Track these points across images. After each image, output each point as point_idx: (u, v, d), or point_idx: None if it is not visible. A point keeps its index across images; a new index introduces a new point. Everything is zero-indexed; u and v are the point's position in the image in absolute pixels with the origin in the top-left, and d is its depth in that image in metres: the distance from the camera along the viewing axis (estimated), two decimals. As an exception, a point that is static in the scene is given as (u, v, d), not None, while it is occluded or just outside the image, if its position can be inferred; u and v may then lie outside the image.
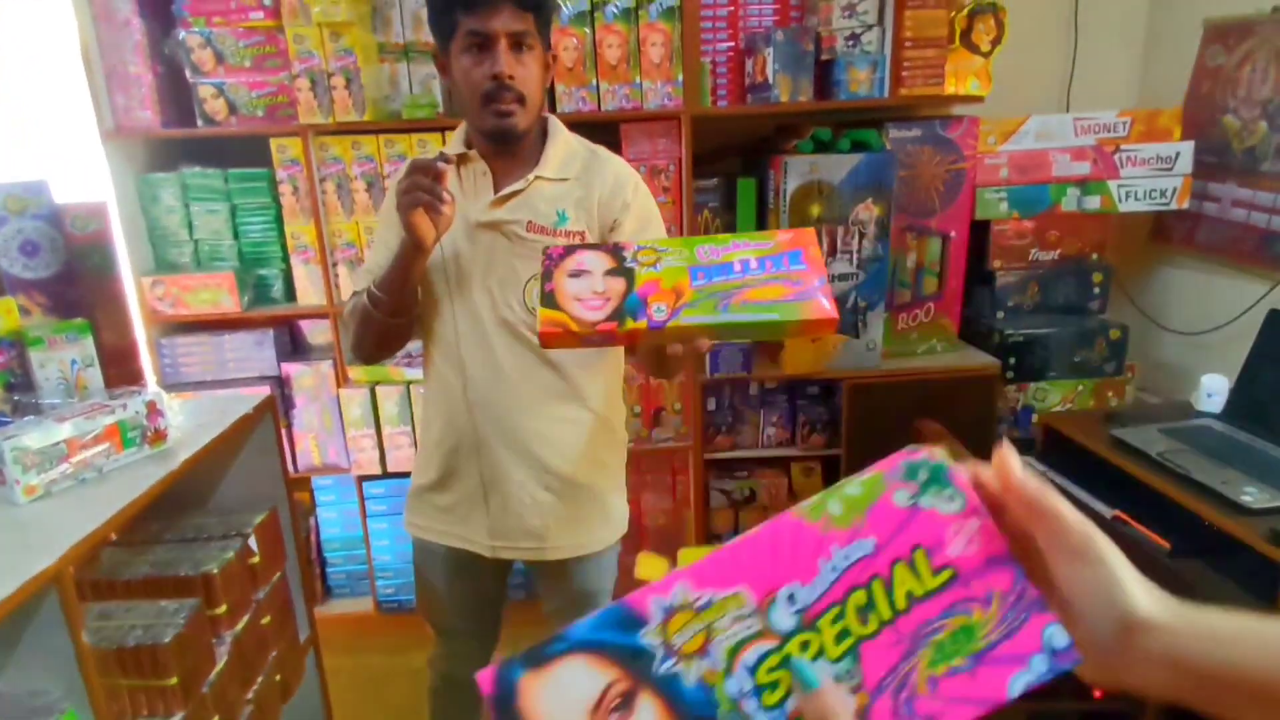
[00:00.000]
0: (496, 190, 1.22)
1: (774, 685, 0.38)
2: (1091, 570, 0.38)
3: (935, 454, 0.42)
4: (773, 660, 0.39)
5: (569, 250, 0.90)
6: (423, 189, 1.05)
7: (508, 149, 1.22)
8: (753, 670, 0.39)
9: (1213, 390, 1.68)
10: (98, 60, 1.89)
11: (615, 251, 0.89)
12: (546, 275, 0.87)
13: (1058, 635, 0.38)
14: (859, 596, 0.40)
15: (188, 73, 1.92)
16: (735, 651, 0.39)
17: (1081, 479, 1.64)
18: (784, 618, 0.40)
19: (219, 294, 2.00)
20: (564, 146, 1.27)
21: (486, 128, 1.18)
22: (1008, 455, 0.41)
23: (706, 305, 0.82)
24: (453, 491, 1.30)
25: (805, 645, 0.39)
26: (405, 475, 1.90)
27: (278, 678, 1.23)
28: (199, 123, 1.95)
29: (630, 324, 0.82)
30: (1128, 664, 0.38)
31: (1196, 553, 1.34)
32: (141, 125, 1.93)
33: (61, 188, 1.20)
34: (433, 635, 1.49)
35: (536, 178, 1.21)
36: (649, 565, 1.88)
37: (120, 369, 1.24)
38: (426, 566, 1.38)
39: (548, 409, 1.25)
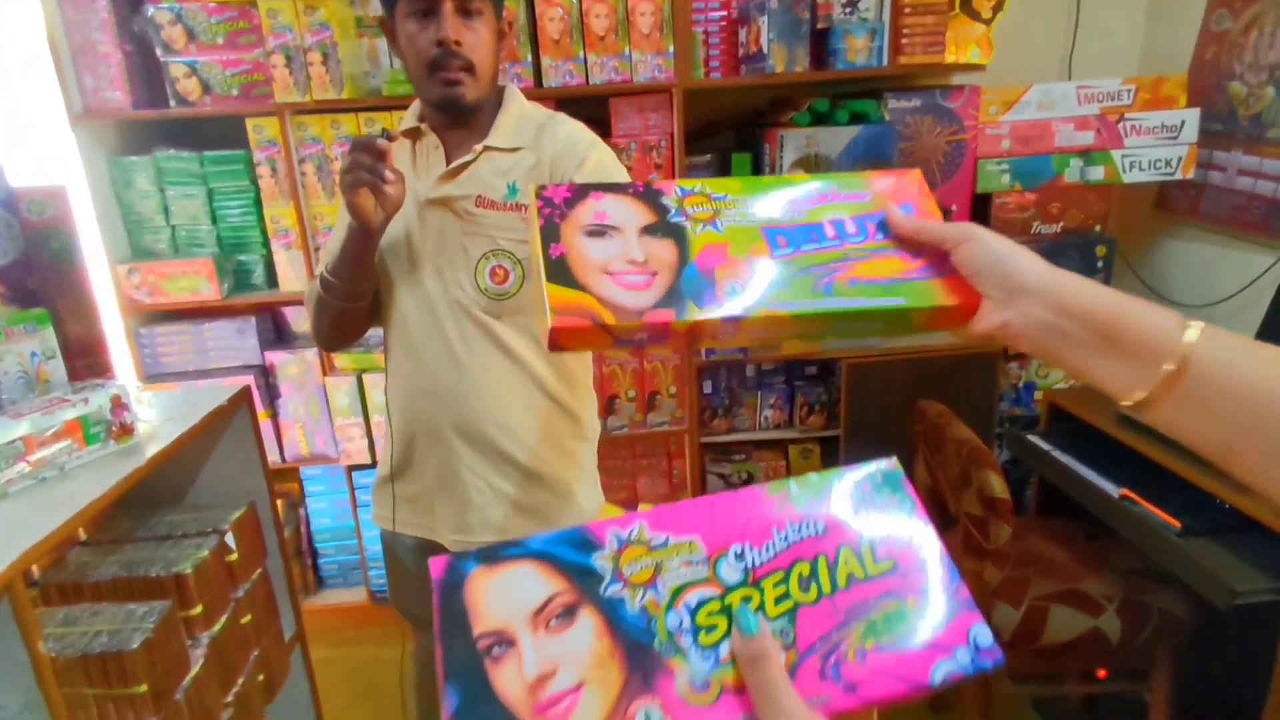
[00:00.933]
0: (448, 165, 1.15)
1: (712, 629, 0.40)
2: (984, 247, 0.52)
3: (893, 464, 0.47)
4: (713, 605, 0.41)
5: (578, 191, 0.55)
6: (364, 168, 1.00)
7: (460, 121, 1.16)
8: (693, 611, 0.40)
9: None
10: (63, 39, 1.81)
11: (650, 196, 0.56)
12: (549, 231, 0.53)
13: (982, 634, 0.40)
14: (803, 568, 0.42)
15: (158, 51, 1.85)
16: (680, 591, 0.41)
17: (1087, 457, 1.59)
18: (731, 572, 0.42)
19: (198, 281, 1.94)
20: (517, 114, 1.19)
21: (434, 98, 1.12)
22: (891, 213, 0.57)
23: (800, 285, 0.53)
24: (414, 482, 1.25)
25: (747, 600, 0.41)
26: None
27: (261, 677, 1.19)
28: (171, 103, 1.88)
29: (695, 313, 0.50)
30: (1017, 302, 0.50)
31: (1207, 531, 1.30)
32: (111, 107, 1.86)
33: (31, 173, 1.14)
34: (409, 629, 1.45)
35: (486, 148, 1.14)
36: (610, 515, 1.85)
37: (86, 361, 1.18)
38: (395, 558, 1.34)
39: (505, 396, 1.19)
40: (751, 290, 0.52)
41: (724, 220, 0.56)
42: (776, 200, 0.58)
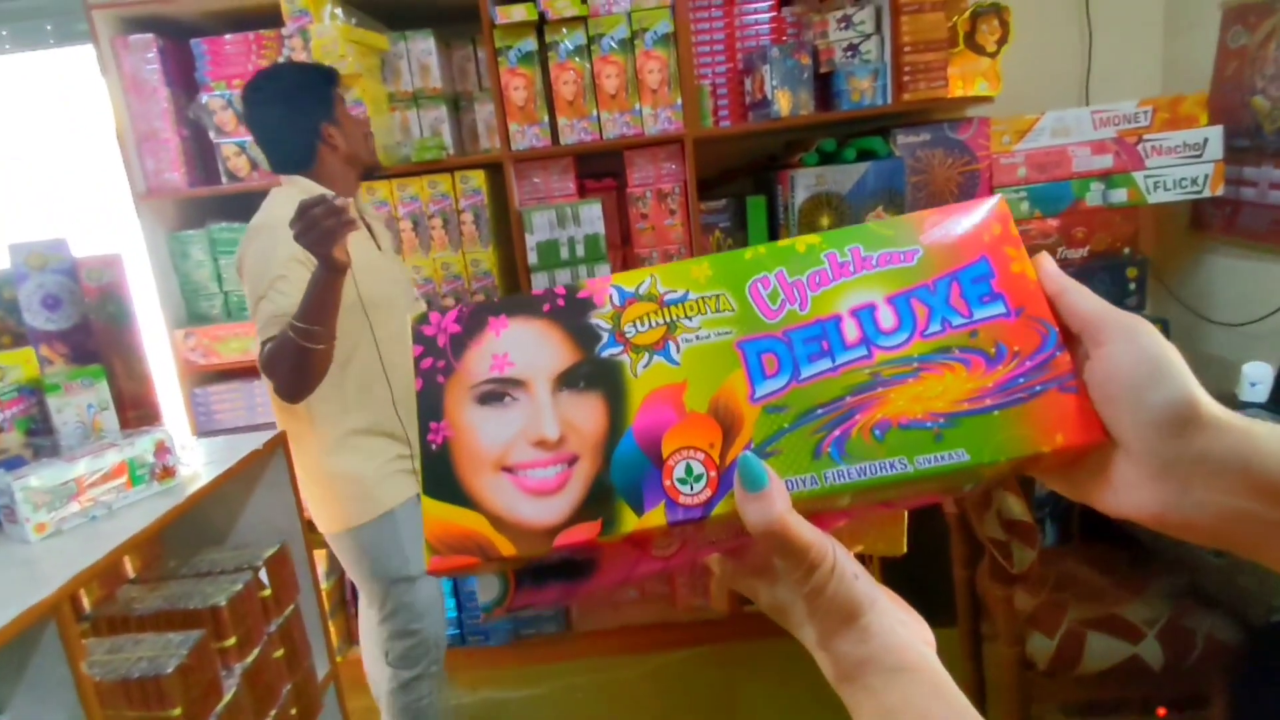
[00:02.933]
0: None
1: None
2: (1136, 348, 0.31)
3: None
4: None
5: (472, 320, 0.38)
6: (333, 222, 1.20)
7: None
8: None
9: (1256, 379, 1.58)
10: (129, 129, 2.01)
11: (572, 315, 0.38)
12: (428, 400, 0.37)
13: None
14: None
15: (211, 134, 2.02)
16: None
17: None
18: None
19: (248, 342, 2.07)
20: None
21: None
22: (1043, 256, 0.36)
23: (794, 451, 0.35)
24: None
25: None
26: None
27: (293, 711, 1.24)
28: (223, 179, 2.05)
29: (629, 521, 0.34)
30: (1178, 471, 0.29)
31: (1245, 550, 1.25)
32: (170, 186, 2.04)
33: (99, 248, 1.29)
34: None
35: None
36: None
37: (138, 412, 1.29)
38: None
39: None
40: (720, 467, 0.34)
41: (683, 340, 0.36)
42: (768, 285, 0.37)
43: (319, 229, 1.20)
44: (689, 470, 0.34)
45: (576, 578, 0.37)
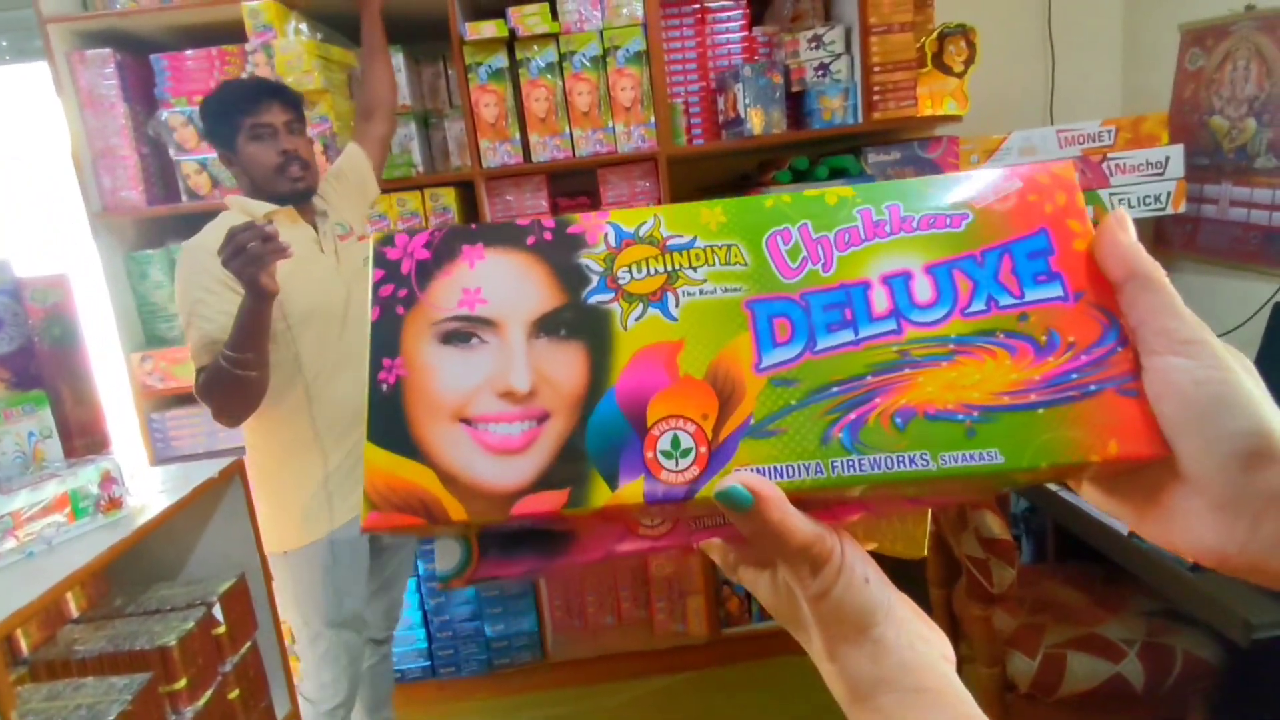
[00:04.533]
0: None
1: None
2: (1206, 370, 0.26)
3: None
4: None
5: (445, 244, 0.33)
6: (265, 249, 1.18)
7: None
8: None
9: (1226, 393, 1.59)
10: (85, 145, 1.94)
11: (561, 251, 0.33)
12: (383, 332, 0.32)
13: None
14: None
15: (171, 151, 1.97)
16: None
17: (1095, 496, 1.55)
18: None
19: (208, 364, 2.00)
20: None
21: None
22: (1114, 221, 0.29)
23: (800, 431, 0.30)
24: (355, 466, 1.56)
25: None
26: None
27: (250, 755, 1.17)
28: (184, 198, 1.99)
29: (602, 494, 0.30)
30: (1249, 507, 0.25)
31: (1223, 566, 1.24)
32: (128, 204, 1.97)
33: (53, 268, 1.23)
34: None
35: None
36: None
37: (86, 440, 1.22)
38: (338, 560, 1.49)
39: None
40: (712, 444, 0.30)
41: (684, 292, 0.31)
42: (789, 239, 0.32)
43: (244, 255, 1.18)
44: (675, 443, 0.30)
45: (550, 551, 0.33)
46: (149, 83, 1.97)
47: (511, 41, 1.94)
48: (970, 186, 0.32)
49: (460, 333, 0.32)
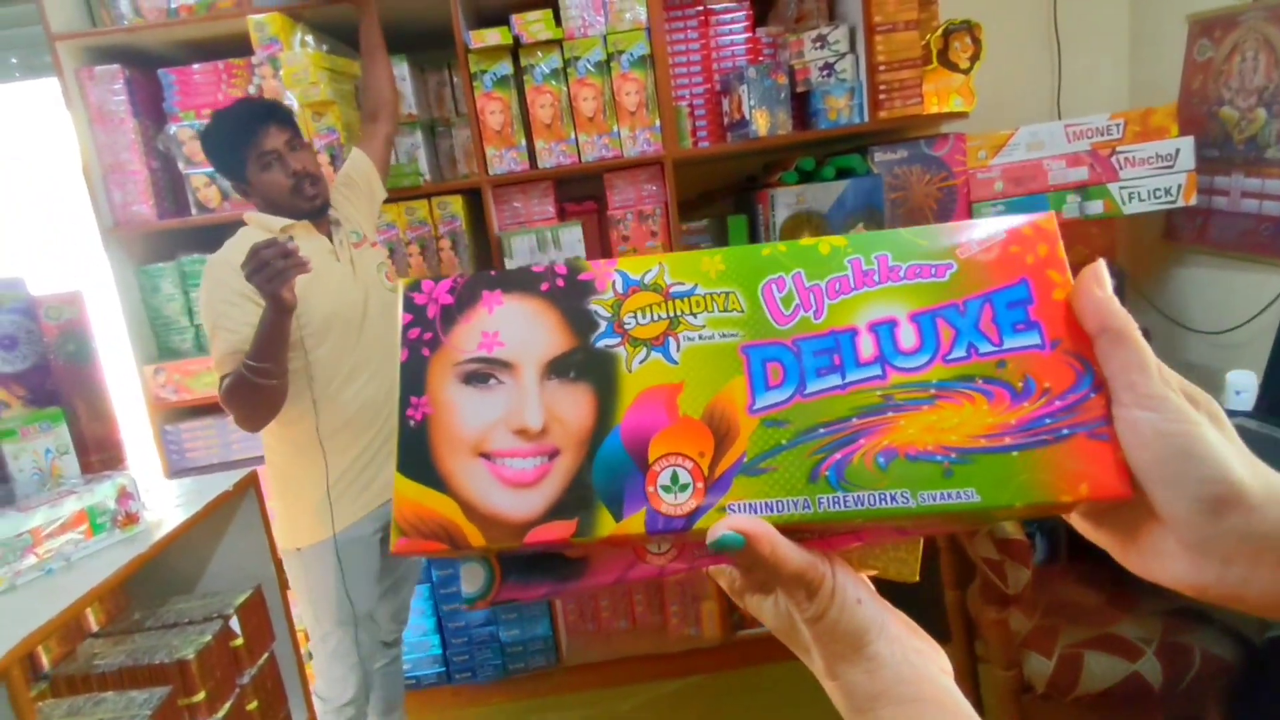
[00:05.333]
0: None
1: None
2: (1169, 424, 0.28)
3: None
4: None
5: (466, 291, 0.36)
6: (286, 264, 1.23)
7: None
8: None
9: (1240, 387, 1.58)
10: (95, 161, 1.96)
11: (571, 298, 0.35)
12: (412, 373, 0.35)
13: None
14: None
15: (180, 164, 1.98)
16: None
17: (1109, 494, 1.54)
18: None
19: (220, 375, 2.01)
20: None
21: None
22: (1089, 275, 0.31)
23: (788, 470, 0.32)
24: (363, 470, 1.58)
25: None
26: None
27: (269, 766, 1.18)
28: (193, 211, 2.01)
29: (607, 525, 0.33)
30: (1218, 549, 0.27)
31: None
32: (139, 218, 1.99)
33: (65, 284, 1.26)
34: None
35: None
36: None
37: (102, 455, 1.24)
38: (347, 558, 1.51)
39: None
40: (709, 480, 0.32)
41: (684, 337, 0.34)
42: (783, 287, 0.34)
43: (266, 271, 1.24)
44: (674, 478, 0.32)
45: (566, 576, 0.35)
46: (157, 97, 1.99)
47: (516, 48, 1.95)
48: (956, 238, 0.33)
49: (479, 374, 0.34)
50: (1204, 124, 2.09)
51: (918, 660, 0.32)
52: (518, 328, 0.34)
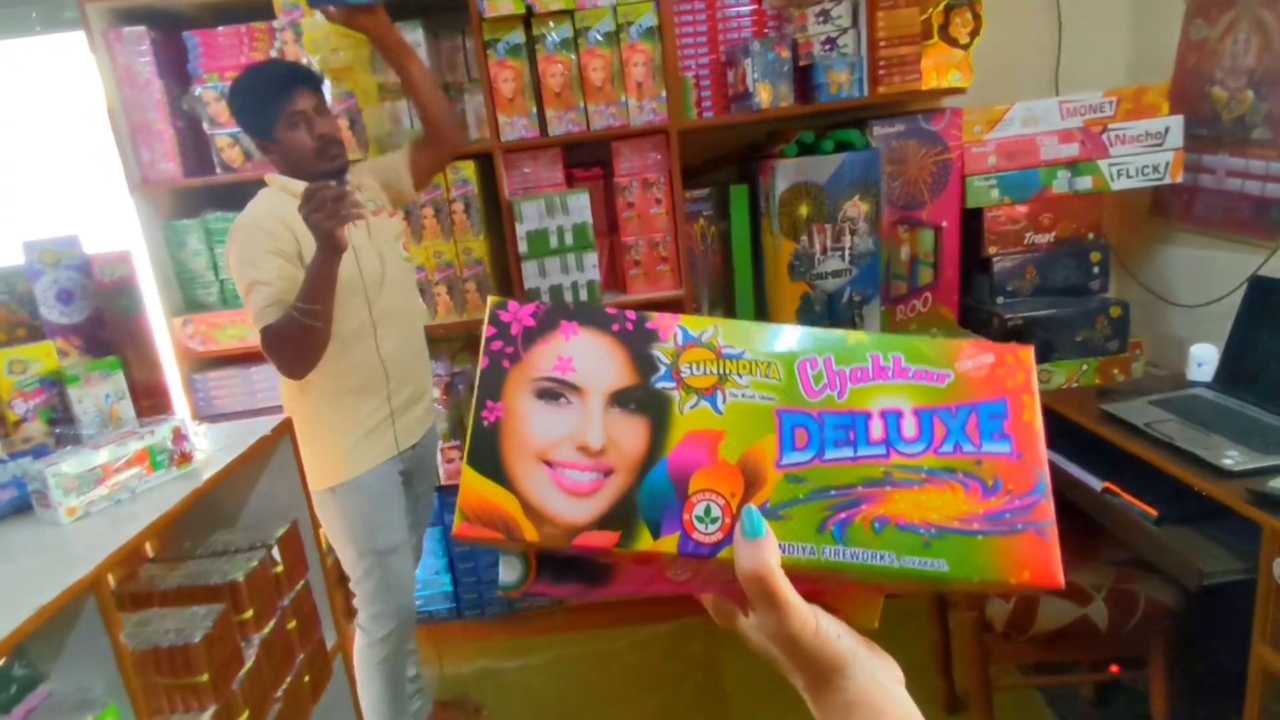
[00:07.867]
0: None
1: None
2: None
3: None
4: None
5: (547, 317, 0.41)
6: (342, 206, 1.31)
7: None
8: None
9: (1202, 360, 1.69)
10: (123, 120, 2.04)
11: (638, 341, 0.41)
12: (490, 380, 0.40)
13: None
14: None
15: (205, 125, 2.06)
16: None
17: (1073, 453, 1.66)
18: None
19: (245, 329, 2.13)
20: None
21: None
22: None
23: (800, 520, 0.39)
24: (407, 403, 1.72)
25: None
26: (436, 488, 2.00)
27: (306, 679, 1.33)
28: (217, 170, 2.09)
29: (644, 541, 0.38)
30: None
31: (1183, 519, 1.36)
32: (165, 177, 2.08)
33: (94, 238, 1.34)
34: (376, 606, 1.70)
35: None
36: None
37: (151, 401, 1.35)
38: (382, 491, 1.65)
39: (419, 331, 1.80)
40: (734, 516, 0.38)
41: (730, 393, 0.40)
42: (815, 367, 0.41)
43: (326, 209, 1.29)
44: (708, 511, 0.38)
45: (594, 581, 0.41)
46: (182, 59, 2.06)
47: (528, 17, 2.01)
48: (956, 354, 0.41)
49: (552, 391, 0.39)
50: (1195, 103, 2.15)
51: (882, 678, 0.39)
52: (590, 358, 0.40)
